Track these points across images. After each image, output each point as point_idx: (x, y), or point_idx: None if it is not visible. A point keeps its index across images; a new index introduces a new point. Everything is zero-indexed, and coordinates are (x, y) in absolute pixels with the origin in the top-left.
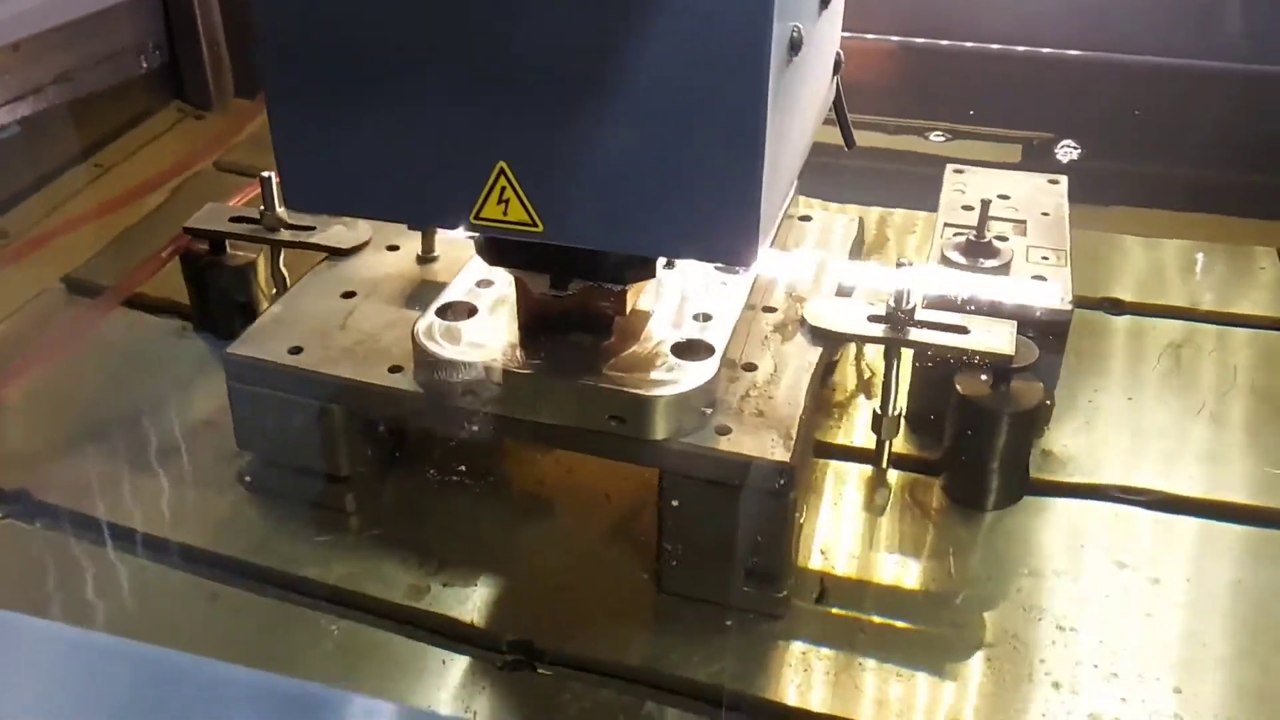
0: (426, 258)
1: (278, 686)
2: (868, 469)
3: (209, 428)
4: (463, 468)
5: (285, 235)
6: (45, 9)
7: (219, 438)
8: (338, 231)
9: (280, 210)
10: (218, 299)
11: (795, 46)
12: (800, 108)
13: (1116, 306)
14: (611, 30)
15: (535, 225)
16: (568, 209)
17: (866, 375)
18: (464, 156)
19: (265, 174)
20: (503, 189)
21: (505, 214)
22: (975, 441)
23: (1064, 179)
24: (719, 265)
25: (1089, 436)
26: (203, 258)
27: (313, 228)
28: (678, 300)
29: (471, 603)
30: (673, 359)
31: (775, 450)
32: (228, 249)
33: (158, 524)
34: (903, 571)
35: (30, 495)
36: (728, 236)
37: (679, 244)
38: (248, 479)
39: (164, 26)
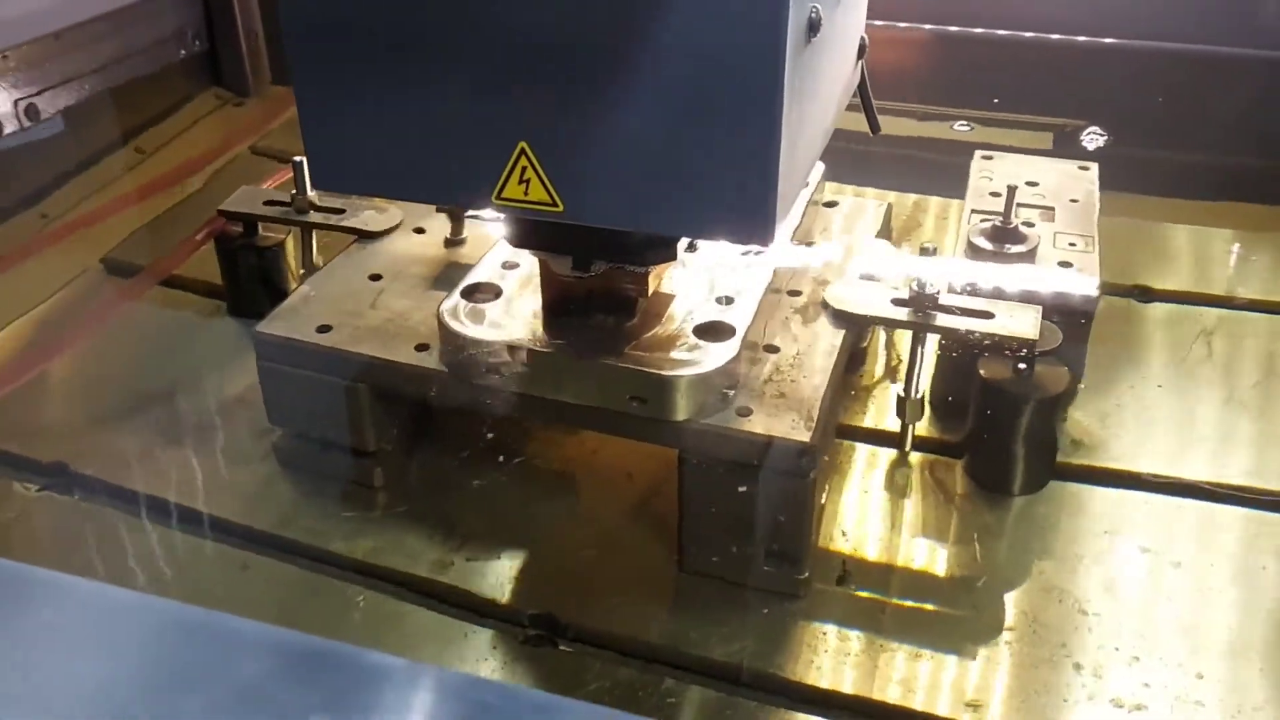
0: (453, 240)
1: (295, 641)
2: (892, 452)
3: (241, 404)
4: (487, 445)
5: (316, 218)
6: None
7: (251, 414)
8: (367, 215)
9: (311, 194)
10: (250, 279)
11: (814, 27)
12: (820, 89)
13: (1146, 294)
14: (630, 10)
15: (555, 205)
16: (587, 189)
17: (894, 361)
18: (486, 137)
19: (298, 158)
20: (524, 169)
21: (526, 194)
22: (999, 426)
23: (1094, 165)
24: (739, 246)
25: (1116, 423)
26: (236, 239)
27: (343, 210)
28: (701, 283)
29: (494, 578)
30: (694, 340)
31: (796, 431)
32: (260, 231)
33: (190, 496)
34: (925, 554)
35: (68, 467)
36: (744, 216)
37: (696, 224)
38: (276, 454)
39: (203, 15)
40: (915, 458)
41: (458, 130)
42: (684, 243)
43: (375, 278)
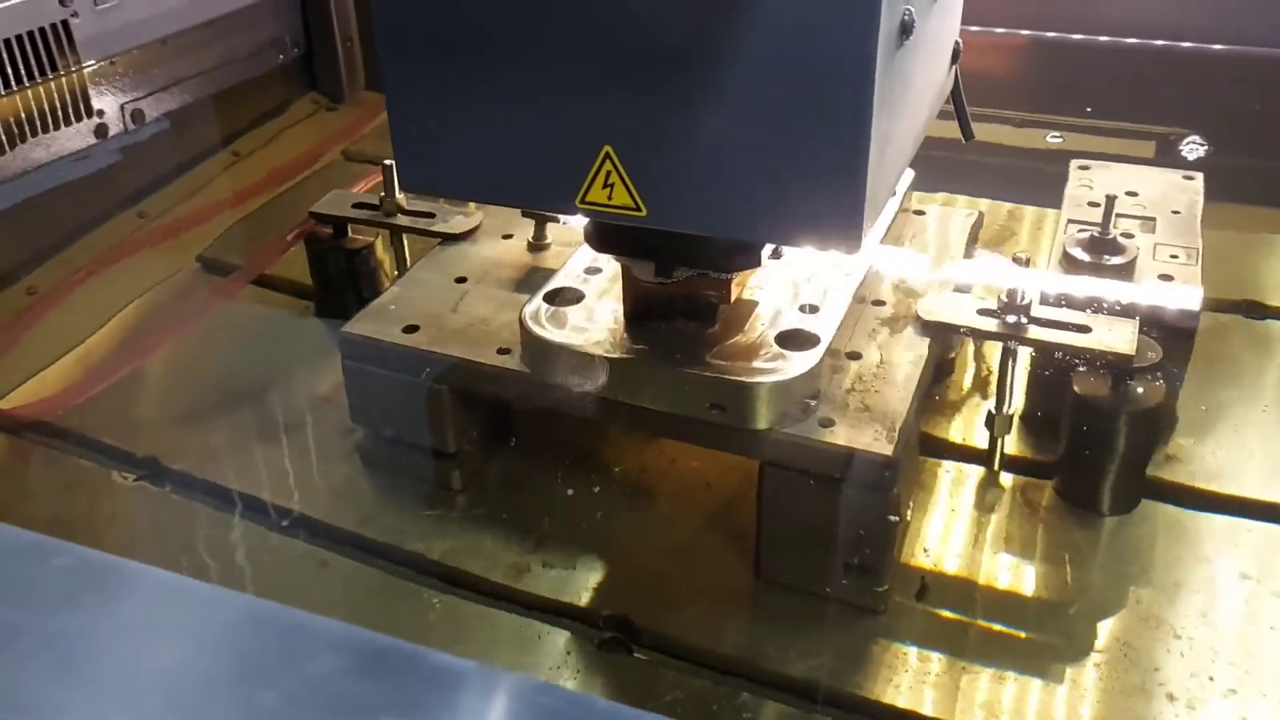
0: (538, 245)
1: (365, 639)
2: (979, 468)
3: (327, 403)
4: (567, 450)
5: (403, 221)
6: (191, 6)
7: (336, 412)
8: (455, 219)
9: (399, 197)
10: (338, 280)
11: (906, 30)
12: (912, 94)
13: (1257, 310)
14: (718, 13)
15: (639, 210)
16: (670, 193)
17: (984, 374)
18: (570, 141)
19: (387, 162)
20: (608, 173)
21: (610, 198)
22: (1092, 443)
23: (1199, 175)
24: (825, 253)
25: (1217, 444)
26: (326, 241)
27: (430, 214)
28: (785, 291)
29: (570, 584)
30: (776, 348)
31: (878, 444)
32: (350, 233)
33: (275, 492)
34: (1011, 574)
35: (160, 461)
36: (831, 222)
37: (782, 230)
38: (359, 453)
39: (301, 22)
40: (1004, 475)
41: (543, 134)
42: (768, 249)
43: (460, 280)
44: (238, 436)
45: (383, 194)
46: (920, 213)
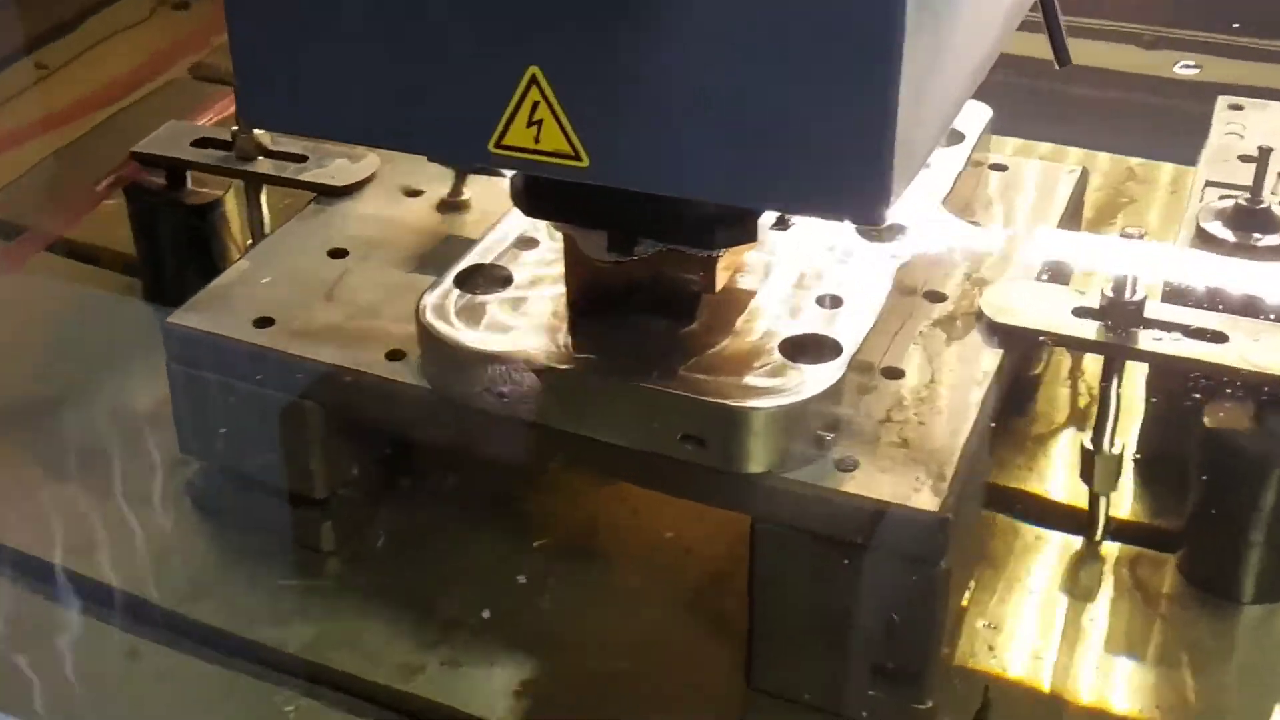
0: (451, 203)
1: None
2: (1074, 537)
3: (150, 424)
4: (484, 498)
5: (265, 167)
6: None
7: (160, 438)
8: (337, 165)
9: (261, 132)
10: (172, 249)
11: None
12: (966, 5)
13: None
14: None
15: (578, 158)
16: (624, 136)
17: (1081, 401)
18: (481, 59)
19: None
20: (534, 105)
21: (537, 141)
22: (1229, 500)
23: None
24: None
25: None
26: (156, 193)
27: (304, 157)
28: (795, 276)
29: (483, 691)
30: (780, 358)
31: (921, 496)
32: (190, 184)
33: (65, 551)
34: (1113, 684)
35: None
36: (846, 182)
37: (778, 191)
38: (191, 497)
39: None
40: (1107, 545)
41: (443, 49)
42: (769, 217)
43: (339, 253)
44: (18, 471)
45: (236, 127)
46: (1001, 167)
